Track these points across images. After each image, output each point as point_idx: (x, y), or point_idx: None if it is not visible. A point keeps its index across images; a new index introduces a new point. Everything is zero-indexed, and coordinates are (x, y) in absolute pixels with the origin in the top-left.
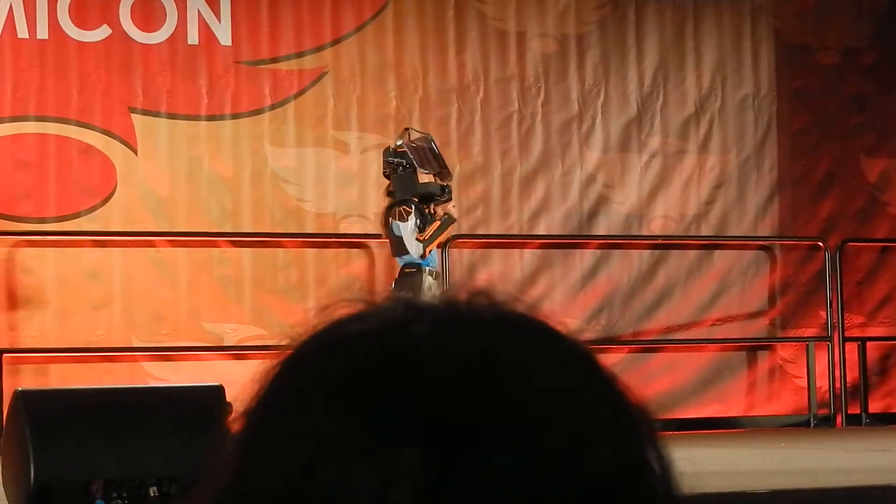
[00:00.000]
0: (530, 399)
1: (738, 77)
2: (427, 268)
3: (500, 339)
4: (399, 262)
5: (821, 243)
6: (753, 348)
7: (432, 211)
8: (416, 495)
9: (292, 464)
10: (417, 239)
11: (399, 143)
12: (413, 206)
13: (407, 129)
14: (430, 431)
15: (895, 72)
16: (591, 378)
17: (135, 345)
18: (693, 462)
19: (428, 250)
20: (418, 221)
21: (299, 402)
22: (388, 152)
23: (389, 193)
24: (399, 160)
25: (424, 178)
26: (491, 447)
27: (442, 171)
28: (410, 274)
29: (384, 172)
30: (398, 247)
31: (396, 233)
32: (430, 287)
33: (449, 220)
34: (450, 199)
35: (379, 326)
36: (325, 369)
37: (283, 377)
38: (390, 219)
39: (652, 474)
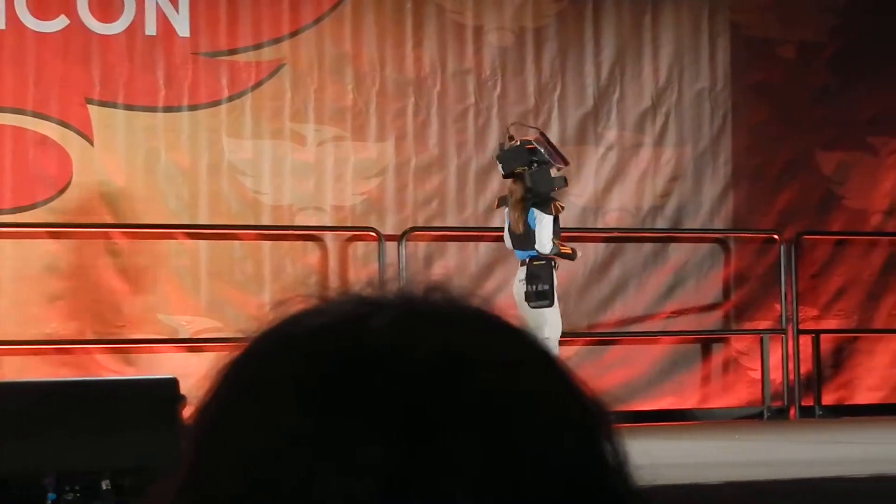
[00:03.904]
0: (490, 394)
1: (695, 70)
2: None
3: (457, 334)
4: (519, 255)
5: (776, 236)
6: (708, 341)
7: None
8: (379, 493)
9: (251, 459)
10: (559, 246)
11: (519, 139)
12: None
13: (513, 123)
14: (392, 428)
15: (854, 65)
16: (547, 371)
17: (89, 337)
18: (648, 454)
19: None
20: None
21: (258, 397)
22: (519, 151)
23: (528, 190)
24: (536, 157)
25: (553, 170)
26: (453, 444)
27: (563, 159)
28: (541, 266)
29: (510, 170)
30: (527, 240)
31: (532, 226)
32: (556, 280)
33: (575, 254)
34: (565, 186)
35: (337, 321)
36: (284, 364)
37: (240, 372)
38: (531, 213)
39: (609, 467)
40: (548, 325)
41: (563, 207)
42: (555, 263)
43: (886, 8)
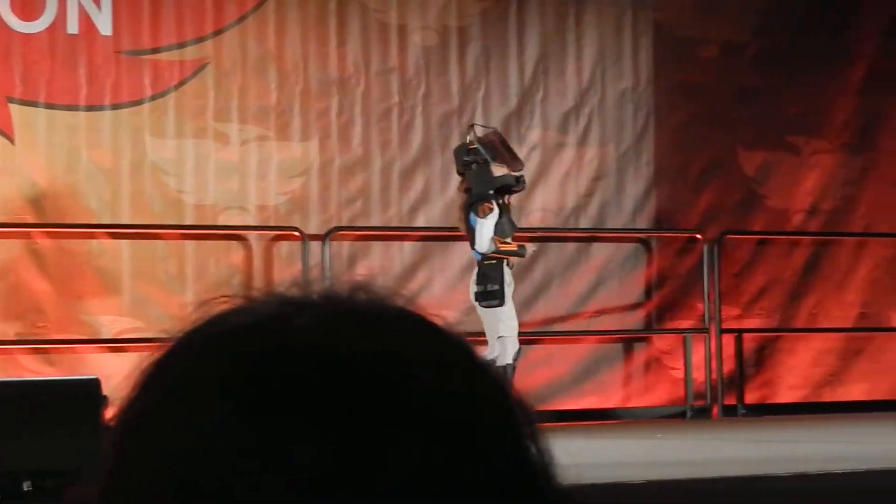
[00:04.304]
0: (416, 394)
1: (618, 70)
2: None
3: (380, 335)
4: (475, 254)
5: (699, 235)
6: (631, 340)
7: (507, 201)
8: (309, 492)
9: (175, 460)
10: (498, 244)
11: (469, 139)
12: (494, 203)
13: (472, 124)
14: (324, 427)
15: (775, 65)
16: (473, 371)
17: (11, 338)
18: (571, 454)
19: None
20: (496, 218)
21: (182, 397)
22: (460, 150)
23: (467, 190)
24: (473, 157)
25: (498, 170)
26: (390, 443)
27: (514, 161)
28: (491, 266)
29: (458, 170)
30: (472, 240)
31: (474, 226)
32: (509, 278)
33: (523, 251)
34: (524, 188)
35: (261, 321)
36: (209, 365)
37: (164, 372)
38: (471, 213)
39: (533, 466)
40: (502, 323)
41: (491, 209)
42: (509, 263)
43: (808, 8)
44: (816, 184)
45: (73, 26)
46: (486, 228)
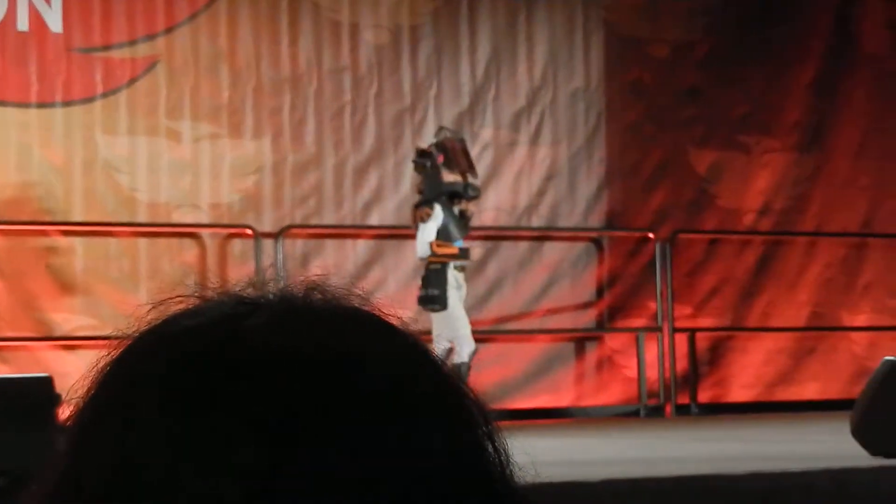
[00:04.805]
0: (367, 395)
1: (570, 69)
2: (452, 262)
3: (334, 335)
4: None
5: (651, 234)
6: (584, 339)
7: (464, 207)
8: (247, 495)
9: (118, 462)
10: (432, 248)
11: (434, 141)
12: (436, 208)
13: (441, 127)
14: (262, 430)
15: (726, 65)
16: (426, 371)
17: None
18: (525, 452)
19: (431, 259)
20: (440, 223)
21: (131, 398)
22: (417, 151)
23: (421, 191)
24: (424, 160)
25: (450, 176)
26: (325, 444)
27: (469, 169)
28: (436, 270)
29: (415, 169)
30: None
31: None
32: (456, 281)
33: (465, 254)
34: (476, 197)
35: (212, 321)
36: (157, 365)
37: (114, 373)
38: (416, 220)
39: (490, 466)
40: (451, 327)
41: (429, 214)
42: (458, 265)
43: (758, 8)
44: (768, 183)
45: (23, 23)
46: (424, 233)
